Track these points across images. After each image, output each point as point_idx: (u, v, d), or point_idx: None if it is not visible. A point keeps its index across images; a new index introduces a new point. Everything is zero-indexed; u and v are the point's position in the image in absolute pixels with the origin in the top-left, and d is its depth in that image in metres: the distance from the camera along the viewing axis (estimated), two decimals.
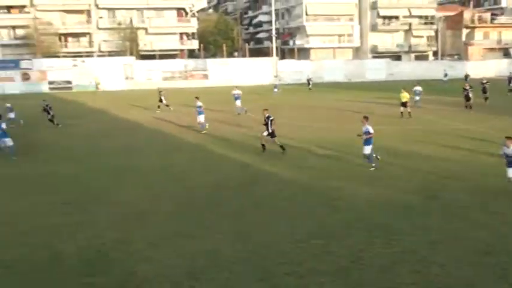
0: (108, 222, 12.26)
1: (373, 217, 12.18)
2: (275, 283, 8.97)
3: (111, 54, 65.49)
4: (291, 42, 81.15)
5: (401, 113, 29.00)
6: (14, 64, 57.70)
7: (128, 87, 56.80)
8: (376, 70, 66.86)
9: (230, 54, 74.89)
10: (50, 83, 57.91)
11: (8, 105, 29.69)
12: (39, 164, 19.02)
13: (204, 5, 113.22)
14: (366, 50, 79.79)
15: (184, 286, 8.94)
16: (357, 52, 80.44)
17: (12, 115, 29.35)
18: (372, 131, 16.64)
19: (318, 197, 13.93)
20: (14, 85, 56.50)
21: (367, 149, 16.72)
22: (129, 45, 64.13)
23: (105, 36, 71.05)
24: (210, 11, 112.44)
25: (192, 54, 76.15)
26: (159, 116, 31.90)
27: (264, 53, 76.40)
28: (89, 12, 71.00)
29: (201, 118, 25.35)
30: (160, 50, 67.23)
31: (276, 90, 47.55)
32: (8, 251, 10.64)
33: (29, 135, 25.73)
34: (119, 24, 70.20)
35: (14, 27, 69.83)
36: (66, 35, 70.96)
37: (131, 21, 70.29)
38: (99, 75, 57.64)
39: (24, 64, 57.80)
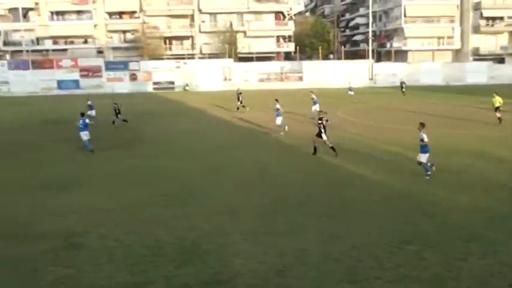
0: (203, 215, 12.63)
1: (469, 225, 11.56)
2: (364, 286, 8.78)
3: (211, 56, 67.52)
4: (388, 45, 79.05)
5: (499, 118, 27.20)
6: (123, 66, 61.30)
7: (226, 88, 58.20)
8: (477, 73, 63.28)
9: (326, 57, 74.35)
10: (155, 83, 60.87)
11: (89, 102, 31.39)
12: (142, 158, 20.00)
13: (301, 8, 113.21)
14: (466, 53, 75.77)
15: (273, 282, 9.00)
16: (457, 55, 76.62)
17: (92, 113, 30.56)
18: (426, 139, 15.74)
19: (411, 202, 13.45)
20: (122, 85, 60.08)
21: (423, 157, 15.85)
22: (228, 47, 65.71)
23: (206, 39, 73.33)
24: (307, 14, 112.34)
25: (288, 56, 76.53)
26: (241, 116, 32.21)
27: (360, 55, 75.01)
28: (192, 17, 73.65)
29: (279, 120, 25.48)
30: (257, 53, 68.24)
31: (351, 93, 45.16)
32: (119, 237, 11.32)
33: (132, 131, 27.15)
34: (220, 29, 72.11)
35: (124, 32, 74.14)
36: (171, 38, 74.11)
37: (231, 24, 72.01)
38: (188, 78, 59.91)
39: (132, 66, 61.23)
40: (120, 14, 73.62)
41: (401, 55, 73.81)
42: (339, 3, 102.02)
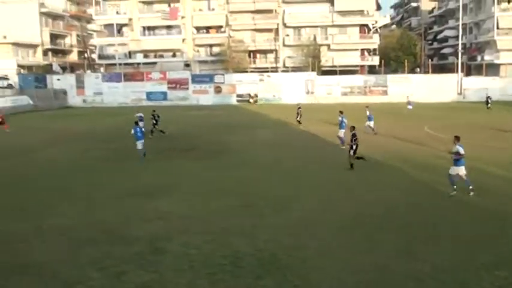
0: (282, 228, 12.66)
1: None
2: None
3: (294, 69, 67.90)
4: (478, 58, 75.52)
5: None
6: (209, 78, 63.16)
7: (308, 102, 58.10)
8: None
9: (412, 70, 72.35)
10: (238, 96, 62.13)
11: (139, 114, 32.08)
12: (225, 168, 20.43)
13: (387, 21, 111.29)
14: None
15: None
16: None
17: (141, 124, 31.31)
18: (462, 152, 14.98)
19: (500, 224, 12.72)
20: (207, 97, 61.92)
21: (452, 170, 15.19)
22: (311, 61, 65.77)
23: (290, 53, 73.86)
24: (393, 26, 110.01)
25: (372, 70, 75.28)
26: (319, 129, 31.84)
27: (448, 69, 72.22)
28: (276, 31, 74.53)
29: (341, 133, 25.32)
30: (341, 66, 67.73)
31: (410, 107, 44.80)
32: (200, 245, 11.61)
33: (215, 142, 27.80)
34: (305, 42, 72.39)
35: (210, 45, 76.43)
36: (255, 52, 75.40)
37: (315, 38, 72.07)
38: (257, 91, 60.65)
39: (217, 78, 62.93)
40: (207, 28, 76.03)
41: (493, 69, 70.17)
42: (426, 15, 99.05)
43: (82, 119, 31.85)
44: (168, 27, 76.48)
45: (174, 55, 76.66)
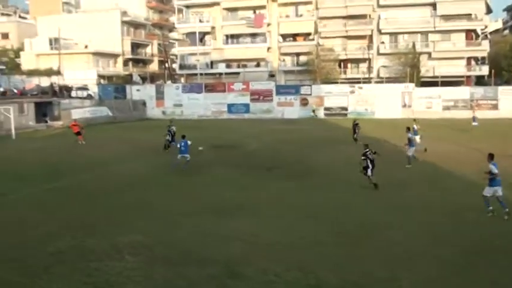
0: (375, 259, 12.27)
1: None
2: None
3: (389, 80, 66.44)
4: None
5: None
6: (295, 90, 63.33)
7: (404, 116, 56.28)
8: None
9: None
10: (326, 109, 61.70)
11: (172, 127, 32.49)
12: (312, 189, 20.22)
13: (499, 25, 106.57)
14: None
15: None
16: None
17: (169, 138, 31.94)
18: (495, 171, 15.22)
19: None
20: (292, 110, 62.03)
21: (487, 191, 15.50)
22: (409, 71, 64.04)
23: (385, 62, 72.46)
24: (506, 32, 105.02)
25: (480, 81, 72.09)
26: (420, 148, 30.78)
27: None
28: (370, 38, 73.46)
29: (410, 151, 25.11)
30: (443, 76, 65.46)
31: (475, 124, 45.23)
32: (282, 273, 11.51)
33: (301, 159, 27.65)
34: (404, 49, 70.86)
35: (297, 54, 76.77)
36: (346, 61, 74.75)
37: (414, 45, 70.19)
38: (315, 104, 59.96)
39: (303, 90, 62.94)
40: (294, 36, 76.50)
41: None
42: None
43: (161, 132, 32.98)
44: (253, 35, 77.85)
45: (258, 65, 77.83)
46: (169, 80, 79.25)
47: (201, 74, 75.70)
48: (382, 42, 73.66)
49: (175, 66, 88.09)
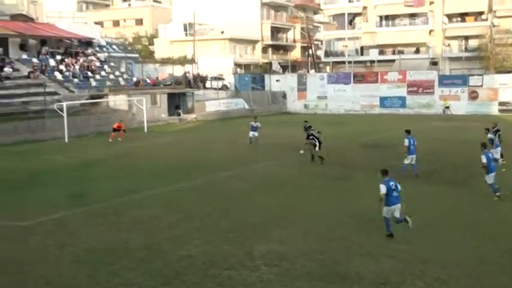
0: None
1: None
2: None
3: None
4: None
5: None
6: (462, 80, 60.64)
7: None
8: None
9: None
10: (501, 103, 58.38)
11: (255, 123, 33.83)
12: (481, 198, 19.42)
13: None
14: None
15: None
16: None
17: (255, 134, 33.76)
18: (484, 160, 18.92)
19: None
20: (459, 104, 59.49)
21: (488, 178, 19.21)
22: None
23: None
24: None
25: None
26: None
27: None
28: None
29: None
30: None
31: None
32: None
33: (468, 163, 26.50)
34: None
35: (466, 38, 73.57)
36: None
37: None
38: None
39: (473, 81, 60.05)
40: (463, 16, 73.39)
41: None
42: None
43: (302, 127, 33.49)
44: (412, 15, 76.07)
45: (417, 51, 75.86)
46: (312, 69, 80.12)
47: (350, 62, 75.52)
48: None
49: (319, 53, 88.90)
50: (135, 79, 58.52)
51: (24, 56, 51.50)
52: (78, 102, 44.66)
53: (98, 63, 57.16)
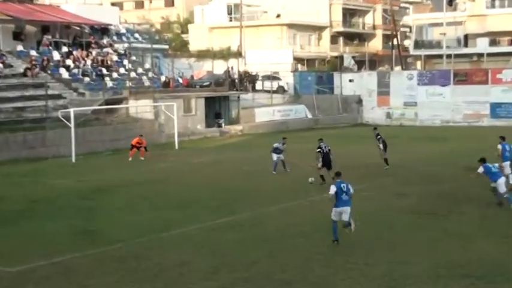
0: None
1: None
2: None
3: None
4: None
5: None
6: None
7: None
8: None
9: None
10: None
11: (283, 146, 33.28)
12: None
13: None
14: None
15: None
16: None
17: (280, 147, 33.27)
18: (480, 170, 23.04)
19: None
20: None
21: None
22: None
23: None
24: None
25: None
26: None
27: None
28: None
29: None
30: None
31: None
32: None
33: None
34: None
35: None
36: None
37: None
38: None
39: None
40: None
41: None
42: None
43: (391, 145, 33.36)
44: None
45: None
46: (398, 66, 79.42)
47: (449, 56, 74.52)
48: None
49: (407, 43, 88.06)
50: (163, 78, 59.05)
51: (20, 48, 52.34)
52: (90, 108, 45.09)
53: (115, 57, 57.82)
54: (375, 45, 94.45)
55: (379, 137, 34.33)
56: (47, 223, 22.58)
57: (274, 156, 33.41)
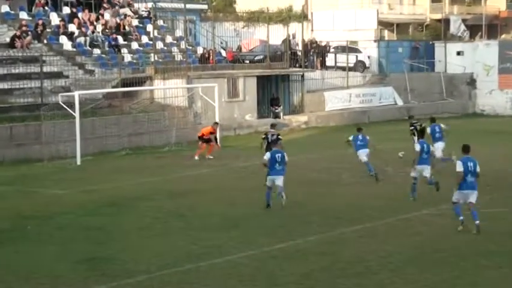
0: None
1: None
2: None
3: None
4: None
5: None
6: None
7: None
8: None
9: None
10: None
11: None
12: None
13: None
14: None
15: None
16: None
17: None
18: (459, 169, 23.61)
19: None
20: None
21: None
22: None
23: None
24: None
25: None
26: None
27: None
28: None
29: None
30: None
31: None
32: None
33: None
34: None
35: None
36: None
37: None
38: None
39: None
40: None
41: None
42: None
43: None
44: None
45: None
46: None
47: None
48: None
49: None
50: (200, 51, 59.24)
51: (5, 9, 52.44)
52: (101, 91, 45.35)
53: (135, 22, 58.09)
54: (496, 3, 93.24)
55: (413, 127, 37.24)
56: (41, 248, 22.64)
57: (363, 155, 33.42)
